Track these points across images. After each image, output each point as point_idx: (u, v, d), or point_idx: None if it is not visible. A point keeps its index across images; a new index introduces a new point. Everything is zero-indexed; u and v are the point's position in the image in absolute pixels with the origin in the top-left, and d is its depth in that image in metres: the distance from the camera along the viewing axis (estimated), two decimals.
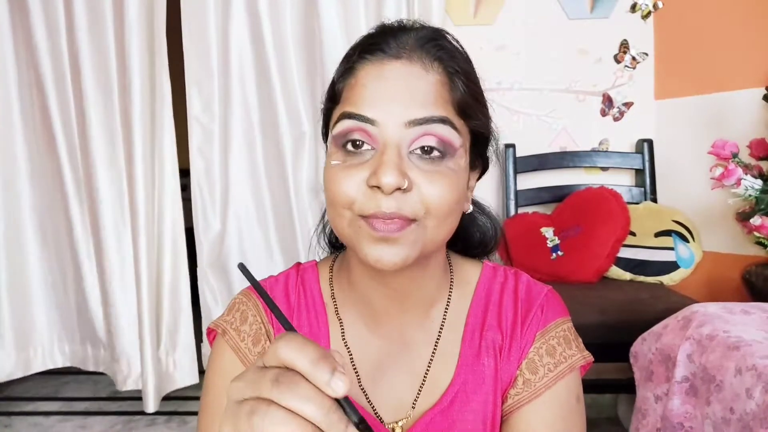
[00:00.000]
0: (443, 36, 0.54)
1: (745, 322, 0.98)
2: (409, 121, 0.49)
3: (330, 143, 0.53)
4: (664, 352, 1.04)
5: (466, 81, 0.53)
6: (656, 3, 1.86)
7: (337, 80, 0.54)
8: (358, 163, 0.49)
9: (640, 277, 1.66)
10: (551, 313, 0.60)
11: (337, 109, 0.54)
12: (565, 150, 1.92)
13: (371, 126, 0.49)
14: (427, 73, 0.51)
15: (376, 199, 0.47)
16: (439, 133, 0.49)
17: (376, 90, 0.50)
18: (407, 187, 0.48)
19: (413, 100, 0.49)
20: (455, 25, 1.89)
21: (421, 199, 0.48)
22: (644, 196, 1.83)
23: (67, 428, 1.81)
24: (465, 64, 0.54)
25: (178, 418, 1.85)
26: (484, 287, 0.62)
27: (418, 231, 0.49)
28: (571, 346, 0.59)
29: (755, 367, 0.83)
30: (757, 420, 0.79)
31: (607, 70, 1.91)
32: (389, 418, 0.57)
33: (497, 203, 1.93)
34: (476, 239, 0.65)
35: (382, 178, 0.46)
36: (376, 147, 0.50)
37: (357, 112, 0.50)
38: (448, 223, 0.52)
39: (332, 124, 0.53)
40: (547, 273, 1.67)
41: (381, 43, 0.52)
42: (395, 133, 0.49)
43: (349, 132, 0.50)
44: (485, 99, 0.57)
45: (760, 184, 1.28)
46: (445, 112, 0.50)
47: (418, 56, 0.51)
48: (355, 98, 0.51)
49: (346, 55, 0.55)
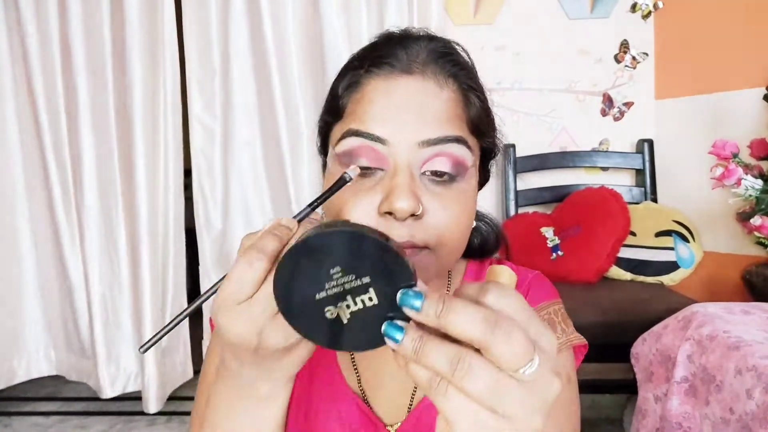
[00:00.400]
0: (456, 50, 0.52)
1: (745, 322, 0.98)
2: (423, 141, 0.46)
3: (332, 161, 0.50)
4: (664, 353, 1.04)
5: (480, 98, 0.50)
6: (656, 3, 1.86)
7: (341, 94, 0.51)
8: (367, 187, 0.46)
9: (641, 277, 1.65)
10: (535, 297, 0.60)
11: (339, 124, 0.50)
12: (565, 150, 1.92)
13: (381, 145, 0.46)
14: (441, 90, 0.48)
15: (389, 226, 0.45)
16: (453, 153, 0.47)
17: (386, 106, 0.47)
18: (420, 214, 0.45)
19: (426, 119, 0.46)
20: (455, 25, 1.89)
21: (434, 226, 0.46)
22: (644, 196, 1.83)
23: (67, 428, 1.81)
24: (477, 79, 0.52)
25: (178, 418, 1.85)
26: (470, 279, 0.62)
27: (430, 258, 0.47)
28: (556, 329, 0.58)
29: (755, 367, 0.83)
30: (756, 420, 0.79)
31: (607, 70, 1.91)
32: (389, 420, 0.57)
33: (497, 203, 1.93)
34: (475, 245, 0.64)
35: (395, 203, 0.44)
36: (385, 168, 0.46)
37: (365, 130, 0.46)
38: (459, 247, 0.50)
39: (335, 140, 0.50)
40: (547, 273, 1.64)
41: (389, 56, 0.49)
42: (407, 153, 0.46)
43: (356, 151, 0.47)
44: (493, 113, 0.55)
45: (761, 184, 1.28)
46: (459, 131, 0.48)
47: (432, 72, 0.48)
48: (361, 114, 0.47)
49: (350, 66, 0.52)
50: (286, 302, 0.34)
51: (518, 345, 0.28)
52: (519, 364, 0.29)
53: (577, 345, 0.60)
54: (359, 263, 0.33)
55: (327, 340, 0.35)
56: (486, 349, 0.29)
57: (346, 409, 0.57)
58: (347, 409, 0.57)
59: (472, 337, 0.29)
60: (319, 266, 0.33)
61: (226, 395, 0.44)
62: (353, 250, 0.33)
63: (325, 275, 0.33)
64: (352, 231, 0.33)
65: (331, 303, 0.34)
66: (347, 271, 0.33)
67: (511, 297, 0.31)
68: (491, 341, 0.28)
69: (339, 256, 0.33)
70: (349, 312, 0.34)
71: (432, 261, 0.47)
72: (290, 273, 0.34)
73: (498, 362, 0.29)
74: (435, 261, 0.48)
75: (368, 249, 0.33)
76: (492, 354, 0.29)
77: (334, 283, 0.33)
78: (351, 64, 0.52)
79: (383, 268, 0.33)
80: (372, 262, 0.33)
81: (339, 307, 0.34)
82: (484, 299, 0.31)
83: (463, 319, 0.29)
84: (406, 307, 0.31)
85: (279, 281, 0.34)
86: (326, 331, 0.34)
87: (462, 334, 0.29)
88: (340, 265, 0.33)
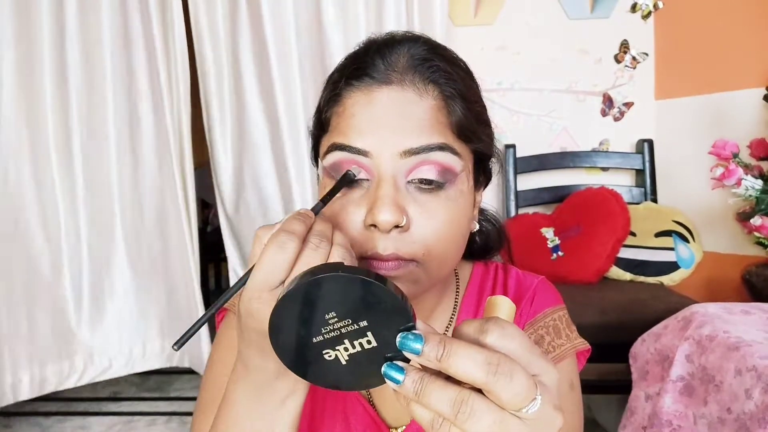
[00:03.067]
0: (438, 53, 0.50)
1: (745, 323, 0.98)
2: (405, 150, 0.45)
3: (322, 174, 0.50)
4: (663, 353, 1.04)
5: (464, 103, 0.49)
6: (656, 3, 1.86)
7: (324, 107, 0.51)
8: (355, 198, 0.46)
9: (641, 277, 1.65)
10: (541, 303, 0.60)
11: (325, 138, 0.50)
12: (565, 150, 1.92)
13: (364, 158, 0.46)
14: (421, 99, 0.47)
15: (374, 239, 0.45)
16: (438, 160, 0.46)
17: (367, 119, 0.46)
18: (405, 226, 0.44)
19: (407, 128, 0.45)
20: (456, 26, 1.89)
21: (420, 238, 0.45)
22: (644, 197, 1.83)
23: (67, 428, 1.81)
24: (464, 82, 0.50)
25: (178, 419, 1.85)
26: (476, 284, 0.62)
27: (418, 272, 0.46)
28: (561, 335, 0.58)
29: (755, 367, 0.83)
30: (755, 420, 0.79)
31: (607, 70, 1.91)
32: (394, 422, 0.57)
33: (497, 204, 1.93)
34: (477, 245, 0.64)
35: (378, 215, 0.43)
36: (371, 178, 0.46)
37: (347, 144, 0.46)
38: (452, 256, 0.49)
39: (322, 153, 0.50)
40: (548, 273, 1.64)
41: (367, 67, 0.48)
42: (390, 164, 0.45)
43: (341, 164, 0.47)
44: (488, 116, 0.54)
45: (761, 184, 1.28)
46: (443, 138, 0.46)
47: (411, 80, 0.47)
48: (343, 128, 0.47)
49: (331, 78, 0.52)
50: (282, 345, 0.34)
51: (521, 386, 0.29)
52: (522, 404, 0.29)
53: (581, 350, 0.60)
54: (355, 309, 0.32)
55: (326, 381, 0.35)
56: (489, 392, 0.29)
57: (351, 410, 0.57)
58: (352, 411, 0.57)
59: (475, 380, 0.29)
60: (314, 312, 0.32)
61: (244, 397, 0.43)
62: (347, 295, 0.32)
63: (321, 320, 0.32)
64: (345, 276, 0.32)
65: (328, 346, 0.33)
66: (343, 317, 0.32)
67: (513, 337, 0.31)
68: (494, 384, 0.28)
69: (333, 302, 0.32)
70: (347, 354, 0.33)
71: (421, 274, 0.47)
72: (285, 318, 0.33)
73: (501, 403, 0.29)
74: (424, 274, 0.47)
75: (363, 294, 0.32)
76: (495, 396, 0.29)
77: (331, 327, 0.33)
78: (332, 77, 0.52)
79: (380, 311, 0.32)
80: (368, 307, 0.32)
81: (337, 350, 0.33)
82: (485, 339, 0.31)
83: (465, 362, 0.29)
84: (406, 350, 0.31)
85: (274, 325, 0.33)
86: (325, 372, 0.34)
87: (464, 377, 0.29)
88: (335, 311, 0.32)
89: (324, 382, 0.35)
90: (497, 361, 0.29)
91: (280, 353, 0.34)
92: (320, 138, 0.52)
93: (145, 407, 1.92)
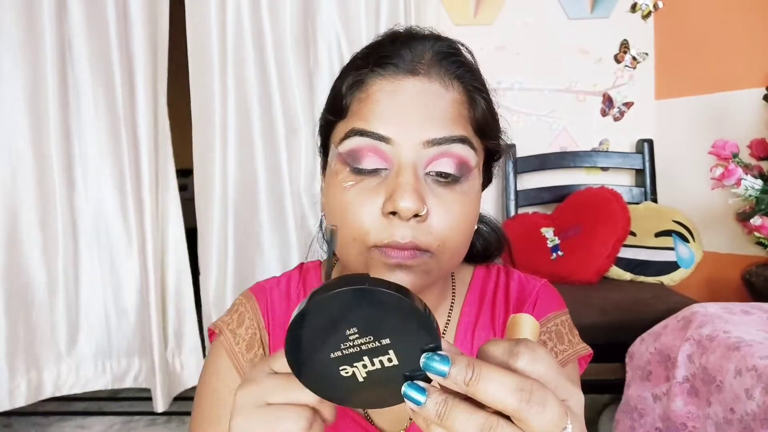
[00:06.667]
0: (461, 50, 0.51)
1: (745, 323, 0.98)
2: (428, 140, 0.45)
3: (335, 160, 0.49)
4: (663, 352, 1.04)
5: (485, 100, 0.50)
6: (656, 3, 1.86)
7: (345, 92, 0.50)
8: (371, 186, 0.46)
9: (641, 277, 1.65)
10: (543, 308, 0.59)
11: (342, 123, 0.50)
12: (565, 150, 1.92)
13: (385, 144, 0.46)
14: (446, 92, 0.48)
15: (392, 227, 0.44)
16: (457, 153, 0.46)
17: (391, 106, 0.46)
18: (423, 216, 0.44)
19: (431, 119, 0.46)
20: (455, 25, 1.89)
21: (437, 229, 0.45)
22: (644, 196, 1.83)
23: (66, 428, 1.81)
24: (482, 80, 0.52)
25: (178, 419, 1.85)
26: (477, 288, 0.61)
27: (432, 263, 0.46)
28: (563, 340, 0.58)
29: (755, 367, 0.83)
30: (757, 420, 0.79)
31: (607, 70, 1.91)
32: (390, 428, 0.56)
33: (497, 203, 1.93)
34: (477, 249, 0.63)
35: (399, 202, 0.43)
36: (389, 167, 0.46)
37: (369, 129, 0.46)
38: (462, 251, 0.50)
39: (337, 139, 0.49)
40: (548, 273, 1.67)
41: (394, 56, 0.48)
42: (412, 153, 0.45)
43: (360, 151, 0.46)
44: (498, 114, 0.55)
45: (761, 184, 1.28)
46: (464, 131, 0.47)
47: (437, 73, 0.48)
48: (365, 114, 0.47)
49: (353, 65, 0.51)
50: (298, 361, 0.32)
51: (553, 413, 0.28)
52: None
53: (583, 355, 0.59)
54: (377, 324, 0.30)
55: (339, 397, 0.33)
56: (520, 420, 0.28)
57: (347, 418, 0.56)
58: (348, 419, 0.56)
59: (505, 408, 0.28)
60: (334, 328, 0.30)
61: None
62: (370, 310, 0.30)
63: (341, 337, 0.30)
64: (367, 290, 0.29)
65: (346, 363, 0.31)
66: (365, 333, 0.30)
67: (543, 360, 0.30)
68: (526, 412, 0.27)
69: (354, 317, 0.30)
70: (366, 371, 0.31)
71: (433, 266, 0.47)
72: (302, 333, 0.31)
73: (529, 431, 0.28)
74: (436, 265, 0.47)
75: (386, 309, 0.30)
76: (525, 424, 0.28)
77: (350, 343, 0.30)
78: (354, 63, 0.52)
79: (404, 328, 0.30)
80: (391, 323, 0.30)
81: (354, 366, 0.31)
82: (515, 363, 0.29)
83: (496, 387, 0.28)
84: (431, 372, 0.30)
85: (291, 339, 0.31)
86: (339, 388, 0.32)
87: (493, 403, 0.28)
88: (356, 327, 0.30)
89: (335, 398, 0.33)
90: (530, 387, 0.28)
91: (293, 367, 0.32)
92: (335, 124, 0.51)
93: (145, 407, 1.92)
